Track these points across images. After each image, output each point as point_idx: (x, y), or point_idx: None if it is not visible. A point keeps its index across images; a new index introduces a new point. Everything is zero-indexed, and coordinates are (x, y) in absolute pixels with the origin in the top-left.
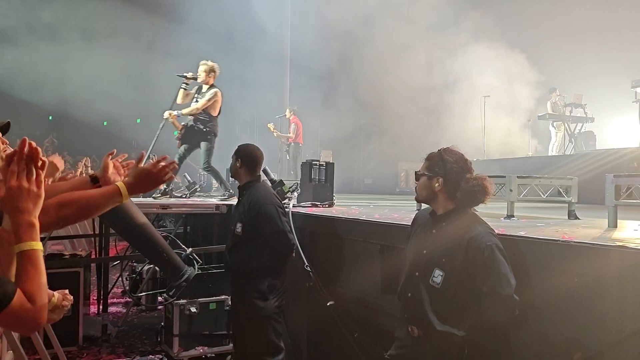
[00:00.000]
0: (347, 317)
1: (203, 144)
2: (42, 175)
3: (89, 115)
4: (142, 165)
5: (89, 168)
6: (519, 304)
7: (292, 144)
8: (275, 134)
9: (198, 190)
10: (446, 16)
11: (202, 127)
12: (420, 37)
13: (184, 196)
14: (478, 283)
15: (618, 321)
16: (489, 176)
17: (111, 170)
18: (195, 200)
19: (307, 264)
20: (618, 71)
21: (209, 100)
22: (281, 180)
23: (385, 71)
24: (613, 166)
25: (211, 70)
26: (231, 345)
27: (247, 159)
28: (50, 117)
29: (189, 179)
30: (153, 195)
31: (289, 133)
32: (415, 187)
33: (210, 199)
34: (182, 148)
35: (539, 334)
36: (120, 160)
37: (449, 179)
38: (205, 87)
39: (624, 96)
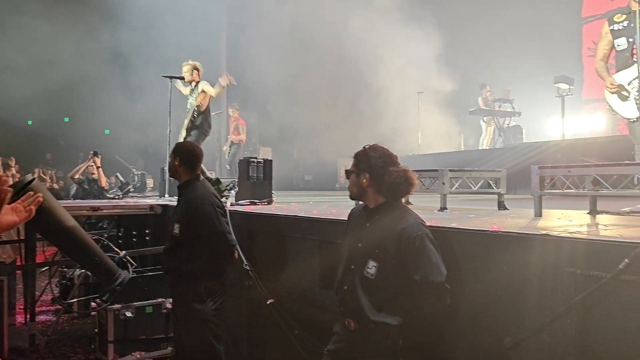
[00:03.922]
0: (287, 315)
1: (193, 135)
2: None
3: (12, 113)
4: None
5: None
6: (450, 292)
7: (239, 142)
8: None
9: (132, 190)
10: (382, 14)
11: (195, 122)
12: (356, 35)
13: (116, 197)
14: (410, 272)
15: (539, 307)
16: (423, 170)
17: None
18: (129, 201)
19: (246, 262)
20: (542, 68)
21: (205, 93)
22: (218, 178)
23: (324, 68)
24: (539, 158)
25: (194, 68)
26: (169, 349)
27: (186, 157)
28: None
29: (122, 179)
30: None
31: (238, 134)
32: (348, 186)
33: (144, 200)
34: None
35: (471, 322)
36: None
37: (374, 174)
38: (193, 84)
39: (547, 91)
